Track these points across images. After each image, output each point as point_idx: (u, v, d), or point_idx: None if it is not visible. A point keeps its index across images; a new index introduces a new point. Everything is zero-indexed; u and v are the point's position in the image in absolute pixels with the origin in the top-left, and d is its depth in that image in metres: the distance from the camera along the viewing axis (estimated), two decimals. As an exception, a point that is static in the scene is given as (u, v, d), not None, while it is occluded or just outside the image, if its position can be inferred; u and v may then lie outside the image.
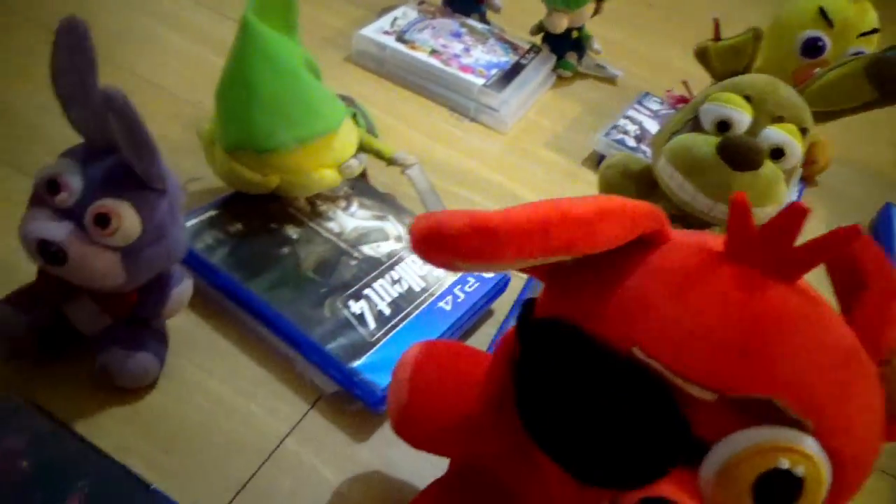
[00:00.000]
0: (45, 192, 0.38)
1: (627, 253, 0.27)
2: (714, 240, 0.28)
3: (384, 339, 0.49)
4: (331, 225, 0.57)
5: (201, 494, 0.41)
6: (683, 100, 0.64)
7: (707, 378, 0.24)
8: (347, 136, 0.56)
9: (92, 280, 0.39)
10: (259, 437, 0.45)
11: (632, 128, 0.83)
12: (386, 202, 0.61)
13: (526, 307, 0.31)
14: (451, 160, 0.75)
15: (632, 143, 0.80)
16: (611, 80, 0.97)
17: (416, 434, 0.38)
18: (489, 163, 0.77)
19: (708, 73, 0.60)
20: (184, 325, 0.50)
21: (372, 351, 0.48)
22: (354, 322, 0.49)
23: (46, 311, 0.44)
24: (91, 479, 0.37)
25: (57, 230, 0.37)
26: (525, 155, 0.80)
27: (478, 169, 0.75)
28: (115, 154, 0.38)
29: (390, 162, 0.63)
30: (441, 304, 0.53)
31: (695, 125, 0.57)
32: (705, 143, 0.54)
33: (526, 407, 0.28)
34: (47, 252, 0.37)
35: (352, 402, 0.48)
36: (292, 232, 0.55)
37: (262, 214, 0.56)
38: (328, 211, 0.58)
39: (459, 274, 0.55)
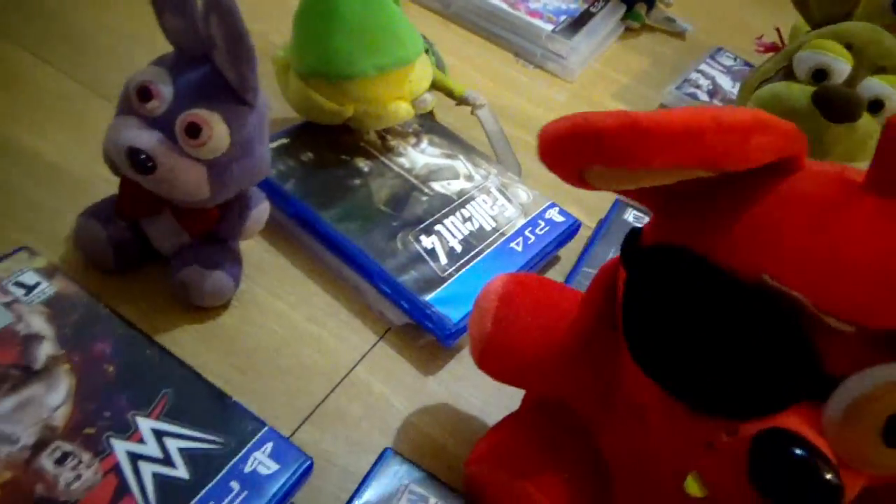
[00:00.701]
0: (136, 99, 0.37)
1: (757, 178, 0.25)
2: (851, 171, 0.26)
3: (456, 275, 0.48)
4: (401, 160, 0.56)
5: (275, 414, 0.41)
6: (775, 48, 0.61)
7: (847, 309, 0.23)
8: (423, 69, 0.55)
9: (178, 192, 0.39)
10: (330, 364, 0.45)
11: (704, 82, 0.80)
12: (455, 141, 0.59)
13: (632, 235, 0.30)
14: (516, 106, 0.73)
15: (704, 97, 0.77)
16: (679, 34, 0.94)
17: (497, 365, 0.37)
18: (555, 111, 0.74)
19: (804, 18, 0.57)
20: (254, 249, 0.50)
21: (444, 286, 0.47)
22: (426, 256, 0.49)
23: (125, 227, 0.44)
24: (174, 387, 0.37)
25: (147, 138, 0.37)
26: (591, 105, 0.77)
27: (544, 116, 0.73)
28: (206, 64, 0.38)
29: (460, 101, 0.62)
30: (512, 244, 0.52)
31: (787, 73, 0.54)
32: (799, 93, 0.51)
33: (637, 335, 0.27)
34: (137, 160, 0.37)
35: (420, 336, 0.47)
36: (363, 165, 0.54)
37: (333, 145, 0.55)
38: (398, 146, 0.57)
39: (531, 215, 0.54)
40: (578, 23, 0.82)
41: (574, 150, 0.21)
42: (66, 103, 0.56)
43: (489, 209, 0.54)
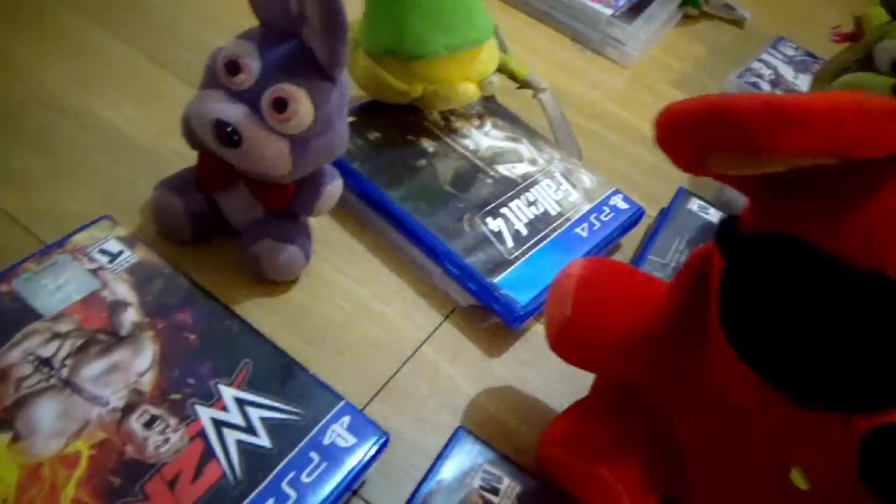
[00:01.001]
0: (224, 72, 0.38)
1: (881, 168, 0.25)
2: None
3: (522, 258, 0.48)
4: (466, 142, 0.55)
5: (345, 389, 0.41)
6: (852, 37, 0.60)
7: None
8: (491, 51, 0.54)
9: (260, 166, 0.39)
10: (396, 342, 0.45)
11: (766, 72, 0.78)
12: (518, 124, 0.59)
13: (729, 223, 0.30)
14: (574, 91, 0.72)
15: (766, 87, 0.76)
16: (737, 22, 0.92)
17: (575, 349, 0.37)
18: (613, 97, 0.73)
19: (885, 8, 0.55)
20: (321, 226, 0.50)
21: (511, 268, 0.47)
22: (492, 239, 0.49)
23: (201, 199, 0.44)
24: (253, 358, 0.38)
25: (234, 111, 0.37)
26: (649, 92, 0.76)
27: (602, 102, 0.72)
28: (293, 40, 0.38)
29: (523, 84, 0.61)
30: (577, 230, 0.51)
31: (866, 64, 0.53)
32: (880, 83, 0.50)
33: (740, 325, 0.27)
34: (223, 133, 0.37)
35: (485, 318, 0.47)
36: (428, 145, 0.54)
37: (398, 125, 0.55)
38: (462, 128, 0.56)
39: (595, 201, 0.54)
40: (637, 8, 0.80)
41: (706, 133, 0.21)
42: (133, 74, 0.57)
43: (553, 194, 0.53)
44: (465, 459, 0.37)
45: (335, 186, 0.44)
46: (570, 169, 0.56)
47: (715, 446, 0.34)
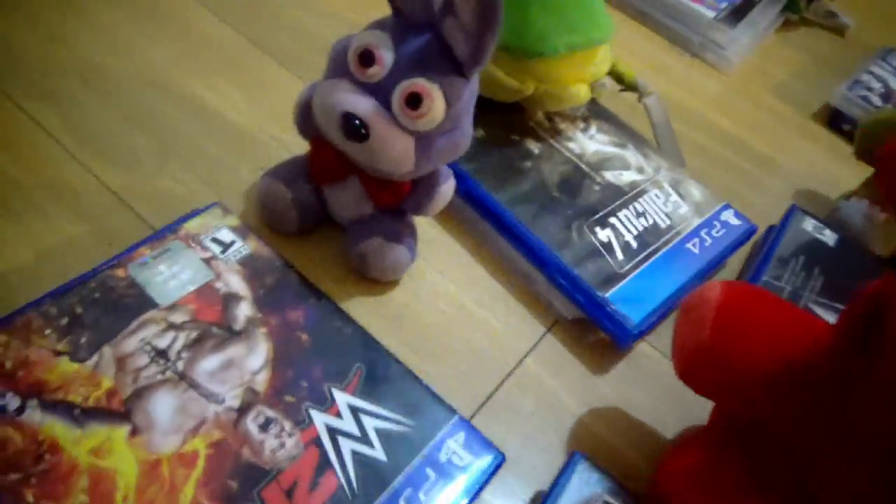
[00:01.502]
0: (356, 63, 0.36)
1: None
2: None
3: (633, 273, 0.46)
4: (571, 145, 0.53)
5: (450, 399, 0.40)
6: None
7: None
8: (606, 52, 0.52)
9: (383, 162, 0.37)
10: (500, 352, 0.44)
11: (876, 85, 0.73)
12: (623, 129, 0.56)
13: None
14: (672, 96, 0.69)
15: (877, 100, 0.71)
16: (838, 30, 0.87)
17: (709, 377, 0.35)
18: (712, 104, 0.70)
19: None
20: (423, 224, 0.48)
21: (622, 283, 0.45)
22: (602, 250, 0.46)
23: (308, 190, 0.43)
24: (365, 363, 0.37)
25: (364, 104, 0.36)
26: (750, 100, 0.72)
27: (701, 109, 0.69)
28: (428, 32, 0.36)
29: (629, 87, 0.58)
30: (688, 245, 0.49)
31: None
32: None
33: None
34: (351, 125, 0.36)
35: (590, 332, 0.45)
36: (533, 146, 0.52)
37: (504, 123, 0.53)
38: (567, 130, 0.54)
39: (705, 216, 0.51)
40: (739, 12, 0.77)
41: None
42: (235, 58, 0.56)
43: (662, 205, 0.51)
44: (584, 488, 0.35)
45: (449, 186, 0.43)
46: (679, 179, 0.53)
47: (863, 495, 0.31)
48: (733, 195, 0.58)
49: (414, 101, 0.35)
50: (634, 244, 0.47)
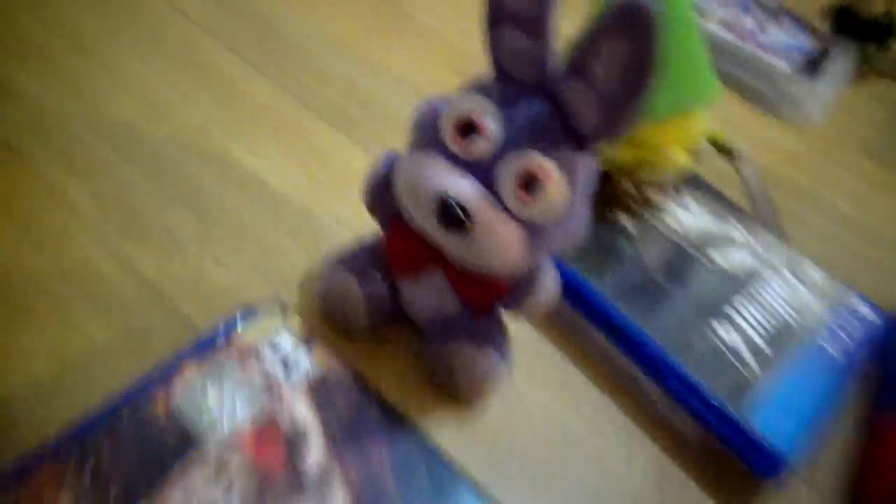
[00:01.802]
0: (454, 134, 0.29)
1: None
2: None
3: (770, 382, 0.38)
4: (668, 220, 0.46)
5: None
6: None
7: None
8: (704, 114, 0.45)
9: (487, 257, 0.30)
10: (615, 489, 0.35)
11: (974, 144, 0.67)
12: (719, 198, 0.49)
13: None
14: (752, 156, 0.62)
15: (980, 163, 0.64)
16: (911, 81, 0.81)
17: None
18: (795, 163, 0.63)
19: None
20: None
21: (759, 395, 0.37)
22: (728, 354, 0.39)
23: (382, 283, 0.36)
24: (467, 518, 0.29)
25: (467, 187, 0.28)
26: (836, 160, 0.66)
27: (780, 168, 0.62)
28: (540, 98, 0.29)
29: (722, 150, 0.52)
30: (826, 346, 0.41)
31: None
32: None
33: None
34: (451, 213, 0.28)
35: (722, 460, 0.37)
36: (626, 222, 0.45)
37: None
38: (661, 202, 0.47)
39: (833, 305, 0.44)
40: (815, 63, 0.71)
41: None
42: (286, 122, 0.49)
43: (783, 294, 0.43)
44: None
45: (555, 281, 0.35)
46: (794, 260, 0.46)
47: None
48: (844, 274, 0.51)
49: (531, 182, 0.28)
50: (764, 346, 0.40)
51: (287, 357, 0.31)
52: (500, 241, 0.29)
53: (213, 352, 0.31)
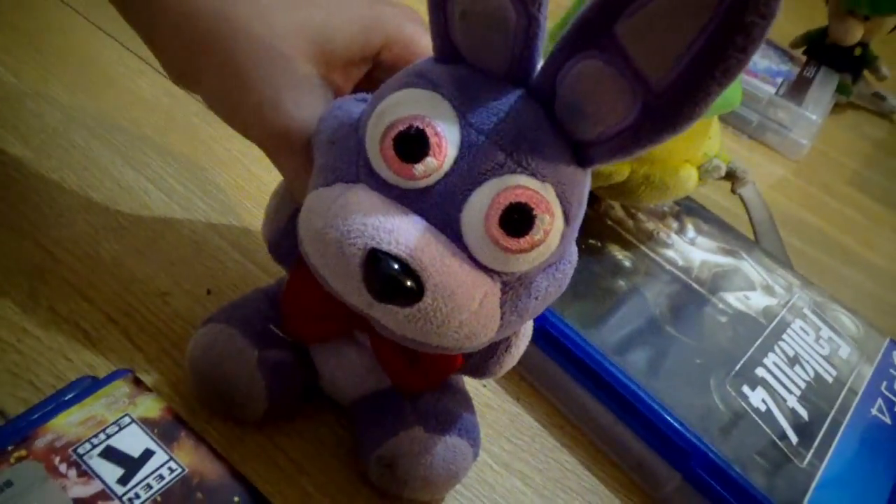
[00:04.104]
0: (391, 153, 0.19)
1: None
2: None
3: (821, 465, 0.28)
4: (670, 254, 0.37)
5: None
6: None
7: None
8: (717, 124, 0.37)
9: (442, 334, 0.19)
10: None
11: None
12: (727, 230, 0.41)
13: None
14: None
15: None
16: (887, 115, 0.77)
17: None
18: (783, 191, 0.56)
19: None
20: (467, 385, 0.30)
21: (813, 485, 0.27)
22: (763, 425, 0.29)
23: (283, 346, 0.25)
24: None
25: (412, 232, 0.18)
26: (823, 189, 0.59)
27: (769, 196, 0.54)
28: (514, 89, 0.19)
29: (727, 173, 0.44)
30: (874, 411, 0.32)
31: None
32: None
33: None
34: (385, 275, 0.18)
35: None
36: (622, 256, 0.36)
37: (575, 222, 0.37)
38: (658, 231, 0.38)
39: (874, 360, 0.35)
40: (798, 88, 0.65)
41: None
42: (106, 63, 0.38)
43: (815, 344, 0.35)
44: None
45: (529, 332, 0.25)
46: (821, 303, 0.38)
47: None
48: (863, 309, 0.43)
49: (521, 220, 0.18)
50: (804, 412, 0.30)
51: (128, 456, 0.20)
52: (465, 312, 0.19)
53: (4, 457, 0.19)
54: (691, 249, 0.38)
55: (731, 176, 0.44)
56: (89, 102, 0.37)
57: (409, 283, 0.18)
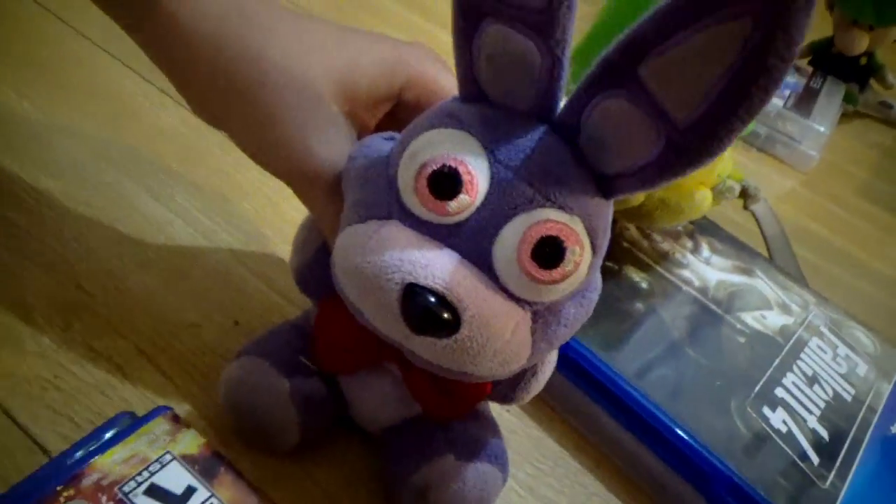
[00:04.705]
0: (426, 191, 0.19)
1: None
2: None
3: (843, 487, 0.29)
4: (685, 274, 0.37)
5: None
6: None
7: None
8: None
9: (478, 363, 0.19)
10: None
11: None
12: (741, 248, 0.41)
13: None
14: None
15: None
16: (895, 123, 0.77)
17: None
18: (794, 204, 0.57)
19: None
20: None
21: (835, 507, 0.28)
22: (785, 447, 0.30)
23: (314, 377, 0.25)
24: None
25: (445, 265, 0.19)
26: (834, 200, 0.60)
27: (780, 209, 0.55)
28: (538, 125, 0.20)
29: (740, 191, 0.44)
30: (893, 428, 0.33)
31: None
32: None
33: None
34: (423, 309, 0.18)
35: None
36: (637, 277, 0.36)
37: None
38: (673, 252, 0.39)
39: (892, 378, 0.35)
40: (805, 100, 0.65)
41: None
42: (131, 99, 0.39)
43: (831, 361, 0.35)
44: None
45: (555, 357, 0.26)
46: (837, 320, 0.38)
47: None
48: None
49: (552, 252, 0.19)
50: (824, 433, 0.31)
51: (172, 493, 0.20)
52: (499, 341, 0.19)
53: (50, 497, 0.19)
54: (707, 269, 0.38)
55: (744, 193, 0.44)
56: (114, 136, 0.37)
57: (446, 316, 0.18)
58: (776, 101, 0.62)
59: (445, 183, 0.19)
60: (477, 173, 0.19)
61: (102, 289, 0.30)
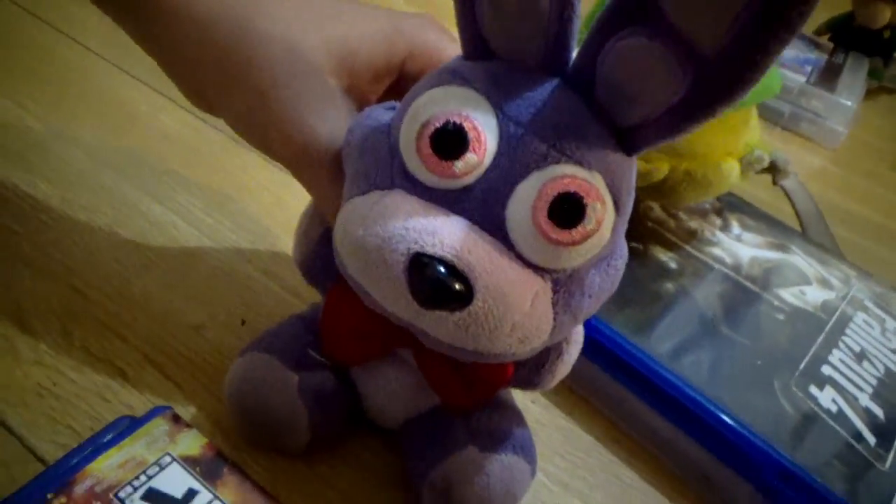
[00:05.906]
0: (429, 153, 0.18)
1: None
2: None
3: (905, 469, 0.26)
4: (716, 251, 0.35)
5: None
6: None
7: None
8: (756, 113, 0.35)
9: (493, 339, 0.18)
10: None
11: None
12: (773, 223, 0.39)
13: None
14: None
15: None
16: (920, 96, 0.74)
17: None
18: (823, 181, 0.54)
19: None
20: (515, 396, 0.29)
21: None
22: (838, 427, 0.27)
23: (323, 371, 0.24)
24: None
25: (457, 233, 0.17)
26: (867, 177, 0.57)
27: (817, 190, 0.52)
28: (549, 80, 0.18)
29: (769, 165, 0.42)
30: (954, 404, 0.30)
31: None
32: None
33: None
34: (432, 280, 0.17)
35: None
36: (665, 257, 0.34)
37: (613, 226, 0.35)
38: (702, 230, 0.37)
39: (949, 351, 0.33)
40: (828, 75, 0.63)
41: None
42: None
43: (880, 336, 0.33)
44: None
45: (578, 343, 0.24)
46: (881, 293, 0.35)
47: None
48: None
49: (571, 210, 0.17)
50: (879, 411, 0.28)
51: (172, 501, 0.19)
52: (518, 313, 0.17)
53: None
54: (738, 246, 0.36)
55: (773, 167, 0.42)
56: (114, 141, 0.37)
57: (457, 286, 0.17)
58: (798, 78, 0.60)
59: (450, 141, 0.17)
60: (484, 130, 0.17)
61: (103, 294, 0.29)
